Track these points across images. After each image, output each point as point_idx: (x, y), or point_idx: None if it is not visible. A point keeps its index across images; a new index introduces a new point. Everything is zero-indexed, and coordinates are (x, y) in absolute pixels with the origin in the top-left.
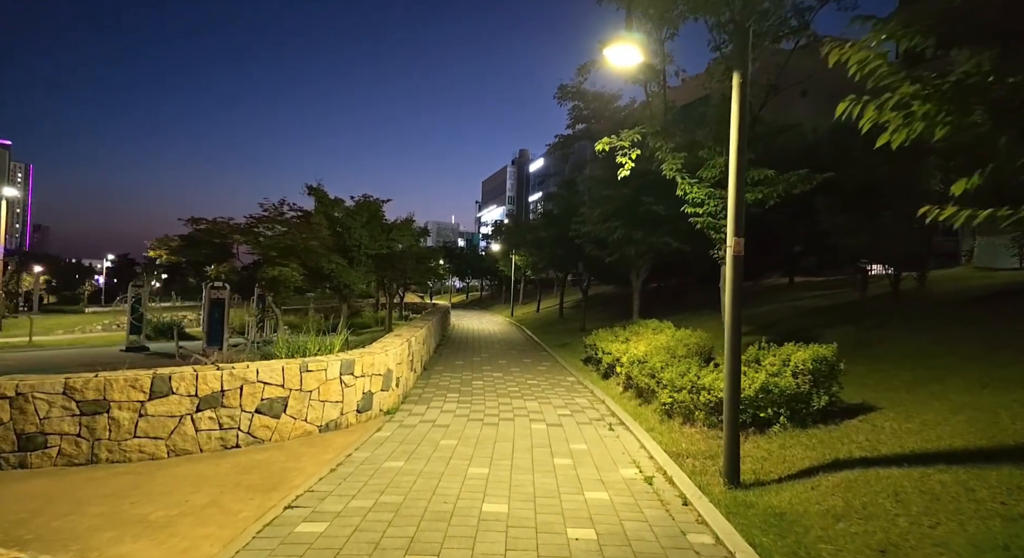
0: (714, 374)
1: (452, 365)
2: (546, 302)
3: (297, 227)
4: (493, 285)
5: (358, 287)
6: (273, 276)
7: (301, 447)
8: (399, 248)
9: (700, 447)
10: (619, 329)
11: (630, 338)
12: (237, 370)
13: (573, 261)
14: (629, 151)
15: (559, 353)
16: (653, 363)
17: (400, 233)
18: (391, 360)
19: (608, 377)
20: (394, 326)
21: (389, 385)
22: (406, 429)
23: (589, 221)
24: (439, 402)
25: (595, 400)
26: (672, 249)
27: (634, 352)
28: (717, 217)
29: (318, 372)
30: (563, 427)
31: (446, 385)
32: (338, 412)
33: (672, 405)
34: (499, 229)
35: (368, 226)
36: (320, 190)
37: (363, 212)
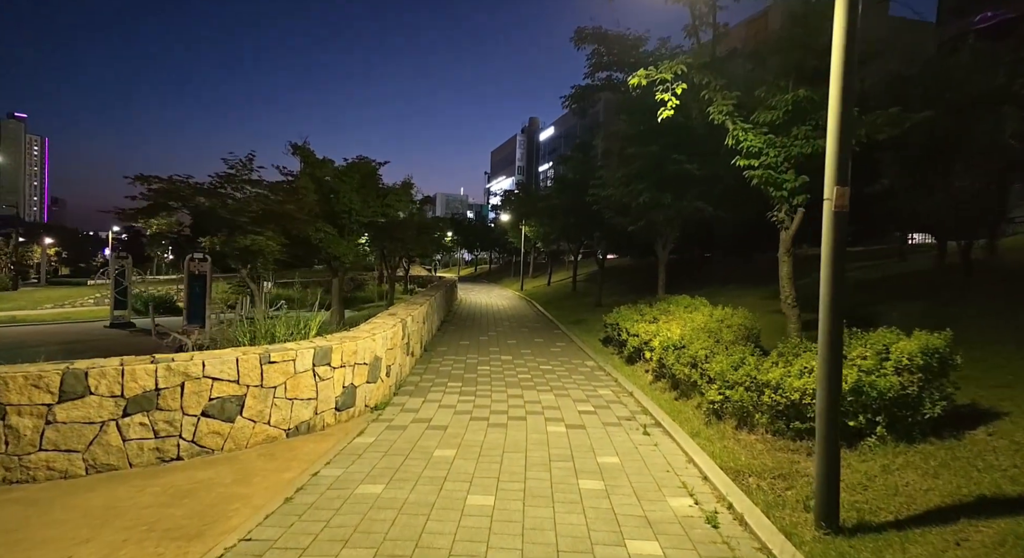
0: (781, 368)
1: (456, 346)
2: (557, 275)
3: (271, 188)
4: (502, 258)
5: (348, 259)
6: (245, 246)
7: (258, 460)
8: (398, 216)
9: (766, 462)
10: (644, 306)
11: (658, 317)
12: (177, 363)
13: (588, 230)
14: (672, 85)
15: (574, 332)
16: (694, 350)
17: (397, 198)
18: (379, 346)
19: (633, 362)
20: (396, 301)
21: (377, 376)
22: (394, 432)
23: (610, 184)
24: (438, 394)
25: (621, 392)
26: (700, 217)
27: (668, 335)
28: (778, 170)
29: (284, 363)
30: (587, 430)
31: (448, 371)
32: (311, 411)
33: (722, 404)
34: (508, 199)
35: (361, 191)
36: (306, 149)
37: (354, 174)
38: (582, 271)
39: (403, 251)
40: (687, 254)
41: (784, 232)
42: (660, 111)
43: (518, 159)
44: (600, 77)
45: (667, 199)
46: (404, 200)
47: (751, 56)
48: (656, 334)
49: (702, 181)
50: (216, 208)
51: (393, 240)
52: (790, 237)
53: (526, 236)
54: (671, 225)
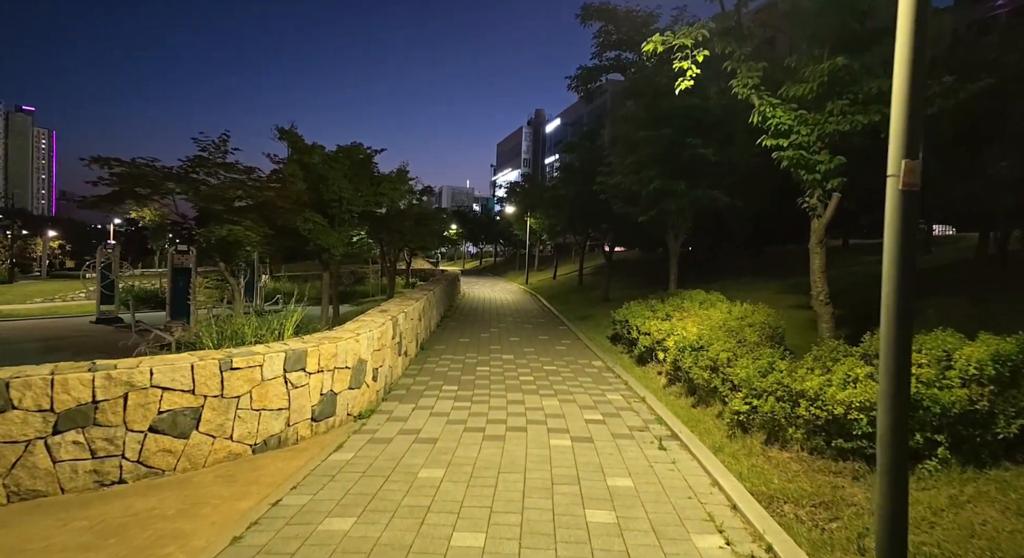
0: (819, 376)
1: (455, 344)
2: (563, 268)
3: (249, 174)
4: (507, 251)
5: (338, 251)
6: (221, 237)
7: (214, 483)
8: (398, 205)
9: (803, 486)
10: (655, 301)
11: (672, 314)
12: (119, 371)
13: (595, 222)
14: (693, 52)
15: (581, 328)
16: (715, 352)
17: (391, 187)
18: (363, 347)
19: (645, 363)
20: (397, 295)
21: (361, 380)
22: (377, 446)
23: (618, 171)
24: (431, 399)
25: (632, 396)
26: (715, 206)
27: (683, 334)
28: (810, 150)
29: (249, 370)
30: (595, 444)
31: (444, 372)
32: (282, 423)
33: (748, 415)
34: (513, 191)
35: (354, 179)
36: (293, 133)
37: (345, 160)
38: (588, 264)
39: (401, 243)
40: (697, 246)
41: (816, 220)
42: (678, 82)
43: (524, 151)
44: (608, 57)
45: (680, 187)
46: (399, 188)
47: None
48: (670, 333)
49: (717, 168)
50: (188, 194)
51: (390, 231)
52: (823, 226)
53: (531, 228)
54: (683, 215)
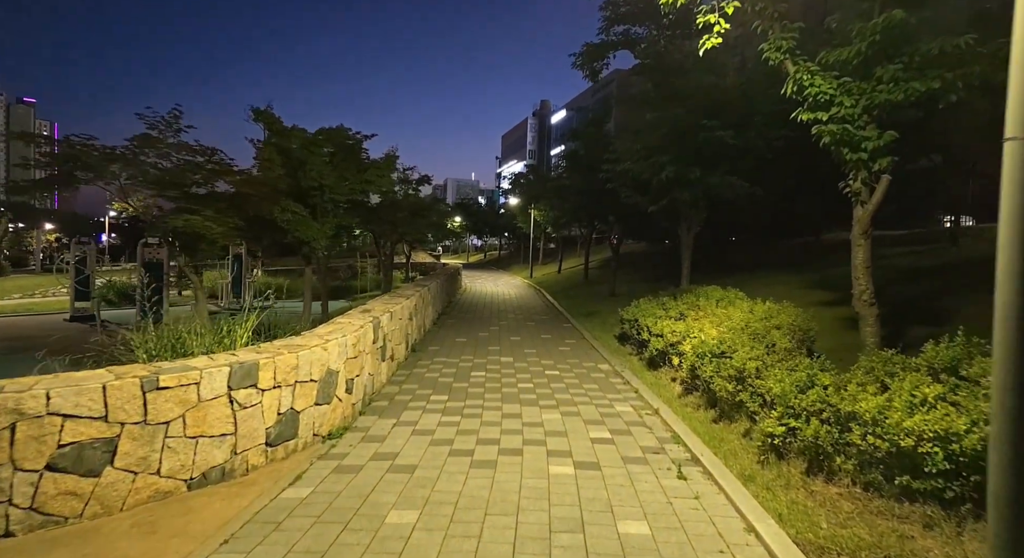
0: (876, 396)
1: (451, 344)
2: (568, 262)
3: (208, 154)
4: (512, 243)
5: (320, 244)
6: (176, 228)
7: (126, 535)
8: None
9: (860, 534)
10: (667, 299)
11: (686, 313)
12: (4, 396)
13: (602, 213)
14: (722, 3)
15: (586, 326)
16: (741, 360)
17: (378, 174)
18: (334, 356)
19: (656, 367)
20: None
21: (331, 394)
22: (343, 477)
23: (626, 157)
24: (415, 412)
25: (644, 408)
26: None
27: (702, 337)
28: (855, 124)
29: (181, 389)
30: (602, 472)
31: (434, 379)
32: (227, 451)
33: (784, 438)
34: (517, 182)
35: (340, 165)
36: (269, 115)
37: (326, 143)
38: (594, 258)
39: (396, 235)
40: (709, 239)
41: (861, 208)
42: (703, 40)
43: (529, 143)
44: (616, 32)
45: (695, 174)
46: (386, 175)
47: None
48: (686, 335)
49: (734, 152)
50: (135, 178)
51: (381, 222)
52: (869, 214)
53: (535, 220)
54: (696, 205)
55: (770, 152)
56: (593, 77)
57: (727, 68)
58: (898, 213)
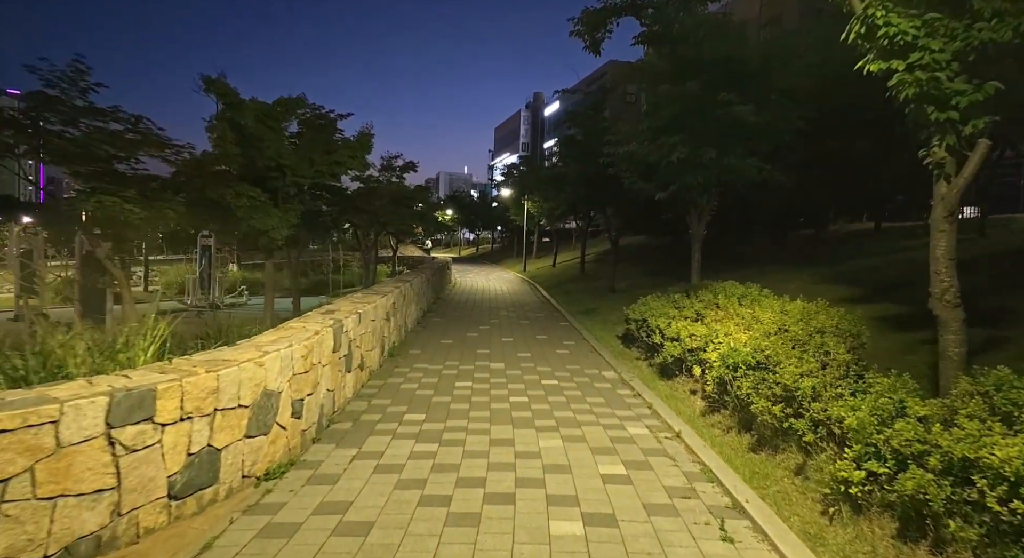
0: (1017, 438)
1: (435, 347)
2: (563, 256)
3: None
4: (505, 237)
5: (280, 234)
6: (93, 213)
7: None
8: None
9: None
10: (678, 296)
11: (704, 313)
12: None
13: (600, 203)
14: None
15: (585, 325)
16: (790, 376)
17: (350, 154)
18: (274, 372)
19: (670, 375)
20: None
21: (268, 422)
22: (270, 545)
23: (631, 138)
24: (383, 437)
25: (662, 429)
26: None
27: (730, 342)
28: (944, 71)
29: (29, 431)
30: (620, 530)
31: (412, 391)
32: (105, 513)
33: (866, 487)
34: (510, 172)
35: (308, 146)
36: (222, 85)
37: (285, 117)
38: (590, 251)
39: (377, 226)
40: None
41: (945, 184)
42: None
43: (522, 135)
44: None
45: (710, 155)
46: (359, 157)
47: None
48: (709, 340)
49: (752, 132)
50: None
51: (358, 211)
52: (958, 190)
53: (529, 213)
54: (708, 192)
55: (789, 133)
56: (594, 48)
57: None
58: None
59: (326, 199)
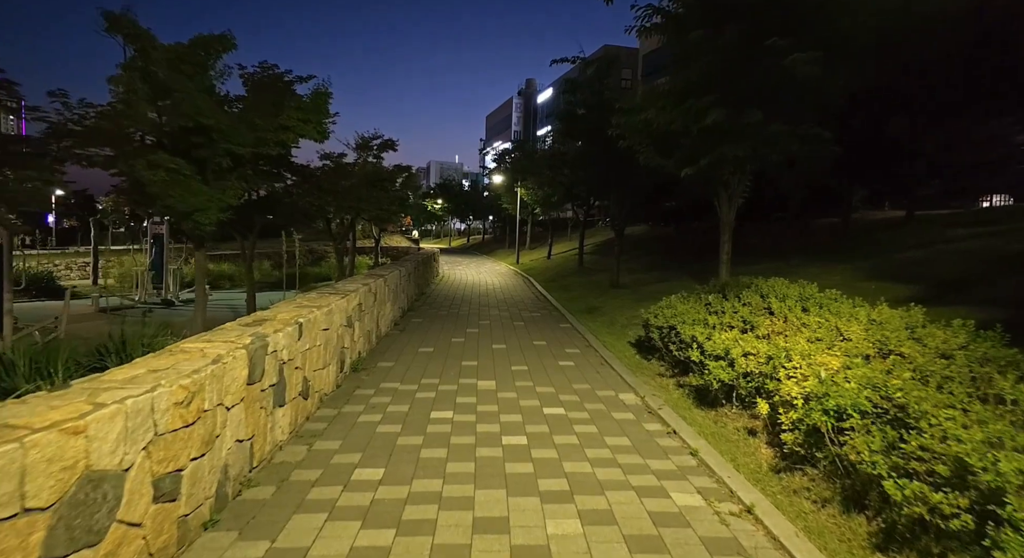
0: None
1: (411, 358)
2: (558, 247)
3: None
4: (497, 226)
5: (209, 218)
6: None
7: None
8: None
9: None
10: (712, 296)
11: (753, 321)
12: None
13: (603, 187)
14: None
15: (589, 327)
16: (970, 443)
17: (301, 116)
18: (111, 443)
19: (712, 403)
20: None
21: (97, 529)
22: None
23: (649, 104)
24: (315, 515)
25: (722, 496)
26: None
27: (819, 371)
28: None
29: None
30: None
31: (372, 426)
32: None
33: None
34: (503, 158)
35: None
36: (129, 22)
37: (209, 59)
38: (587, 241)
39: (349, 211)
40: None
41: None
42: None
43: (514, 123)
44: None
45: (755, 119)
46: (313, 120)
47: None
48: (778, 362)
49: (807, 90)
50: None
51: (323, 193)
52: None
53: (522, 201)
54: (743, 168)
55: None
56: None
57: None
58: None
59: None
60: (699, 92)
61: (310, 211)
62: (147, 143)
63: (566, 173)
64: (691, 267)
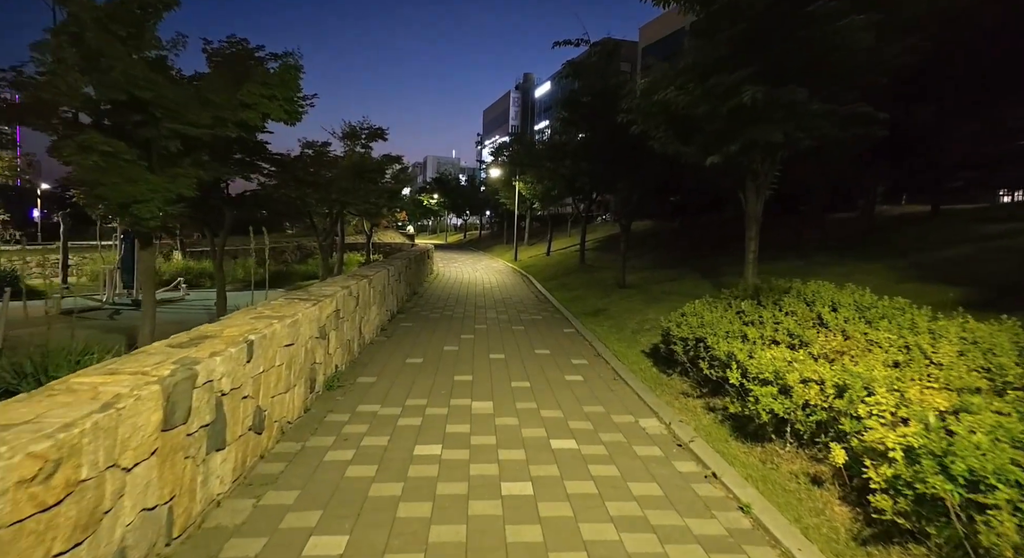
0: None
1: (396, 371)
2: (558, 243)
3: None
4: (494, 222)
5: (151, 211)
6: None
7: None
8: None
9: None
10: (744, 302)
11: (806, 337)
12: None
13: (609, 178)
14: None
15: (596, 332)
16: None
17: (264, 92)
18: None
19: (757, 436)
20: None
21: None
22: None
23: (666, 83)
24: None
25: None
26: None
27: (927, 416)
28: None
29: None
30: None
31: (340, 468)
32: None
33: None
34: (501, 151)
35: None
36: None
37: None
38: (588, 237)
39: (334, 204)
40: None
41: None
42: None
43: (512, 117)
44: None
45: (799, 96)
46: (278, 97)
47: None
48: (852, 394)
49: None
50: None
51: (301, 184)
52: None
53: (521, 195)
54: (772, 155)
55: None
56: None
57: None
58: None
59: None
60: (729, 67)
61: (288, 205)
62: (82, 123)
63: (568, 164)
64: (700, 264)
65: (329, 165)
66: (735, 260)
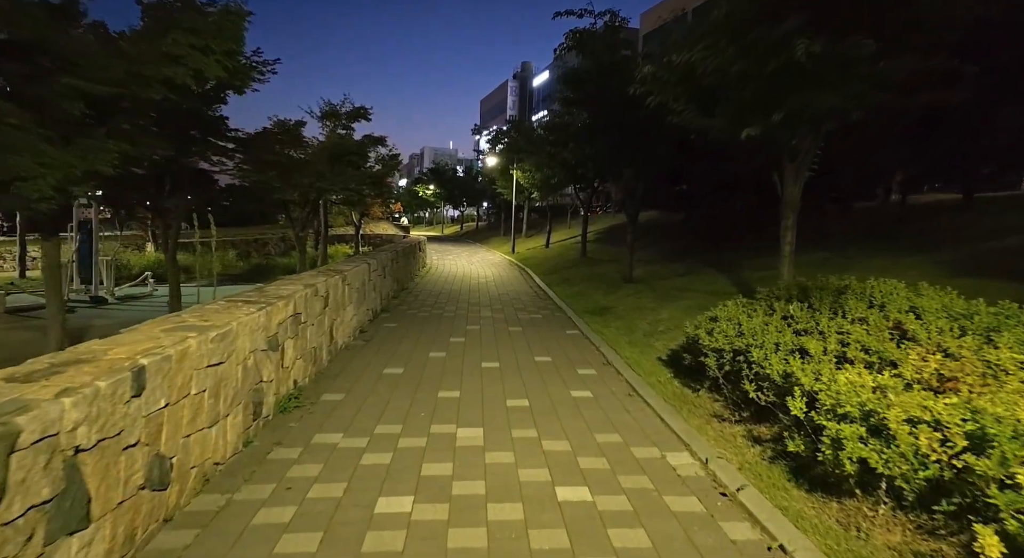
0: None
1: (370, 385)
2: (557, 234)
3: None
4: (491, 213)
5: (39, 192)
6: None
7: None
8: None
9: None
10: (793, 307)
11: (892, 355)
12: None
13: (615, 162)
14: None
15: (603, 334)
16: None
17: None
18: None
19: (831, 486)
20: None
21: None
22: None
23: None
24: None
25: None
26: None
27: None
28: None
29: None
30: None
31: (276, 531)
32: None
33: None
34: (498, 138)
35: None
36: None
37: None
38: (589, 228)
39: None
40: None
41: None
42: None
43: (509, 107)
44: None
45: (868, 50)
46: (216, 50)
47: None
48: (1005, 446)
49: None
50: None
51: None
52: None
53: (518, 184)
54: (816, 128)
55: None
56: None
57: None
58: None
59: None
60: (773, 17)
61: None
62: None
63: (571, 148)
64: (711, 258)
65: (296, 145)
66: (750, 253)
